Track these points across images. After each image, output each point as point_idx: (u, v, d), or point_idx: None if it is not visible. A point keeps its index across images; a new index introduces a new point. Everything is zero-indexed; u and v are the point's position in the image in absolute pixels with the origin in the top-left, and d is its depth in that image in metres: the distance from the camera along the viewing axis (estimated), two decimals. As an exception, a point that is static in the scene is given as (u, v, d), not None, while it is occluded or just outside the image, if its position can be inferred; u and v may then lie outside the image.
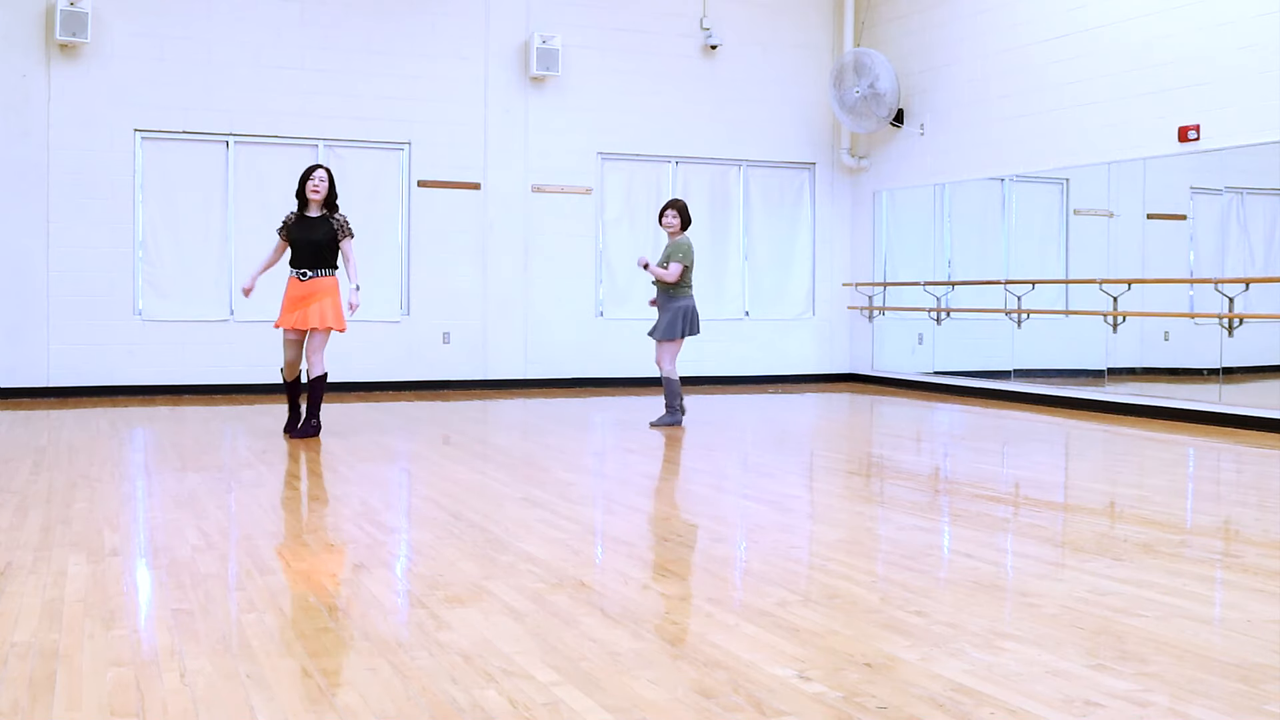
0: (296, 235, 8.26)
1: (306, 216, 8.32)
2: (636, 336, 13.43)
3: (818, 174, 14.18)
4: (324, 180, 8.26)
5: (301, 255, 8.24)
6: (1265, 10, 9.40)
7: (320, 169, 8.34)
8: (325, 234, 8.23)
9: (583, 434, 9.44)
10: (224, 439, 8.63)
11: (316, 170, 8.32)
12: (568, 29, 12.89)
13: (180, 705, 2.94)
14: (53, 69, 11.27)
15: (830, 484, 7.07)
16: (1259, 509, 6.15)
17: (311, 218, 8.30)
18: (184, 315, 11.80)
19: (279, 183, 12.22)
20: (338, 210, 8.35)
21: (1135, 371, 11.13)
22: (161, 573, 4.38)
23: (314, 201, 8.28)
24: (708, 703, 2.99)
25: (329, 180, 8.29)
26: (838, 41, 14.02)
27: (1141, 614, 3.86)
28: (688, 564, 4.75)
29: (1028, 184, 12.26)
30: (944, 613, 3.86)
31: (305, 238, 8.24)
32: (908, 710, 2.94)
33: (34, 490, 6.11)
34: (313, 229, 8.25)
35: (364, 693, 3.05)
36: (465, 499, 6.34)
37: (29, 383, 11.25)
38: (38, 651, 3.37)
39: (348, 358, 12.30)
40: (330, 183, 8.29)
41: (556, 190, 13.05)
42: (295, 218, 8.34)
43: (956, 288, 12.77)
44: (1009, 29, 11.92)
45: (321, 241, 8.22)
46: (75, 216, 11.39)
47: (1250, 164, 9.83)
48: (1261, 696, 3.07)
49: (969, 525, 5.50)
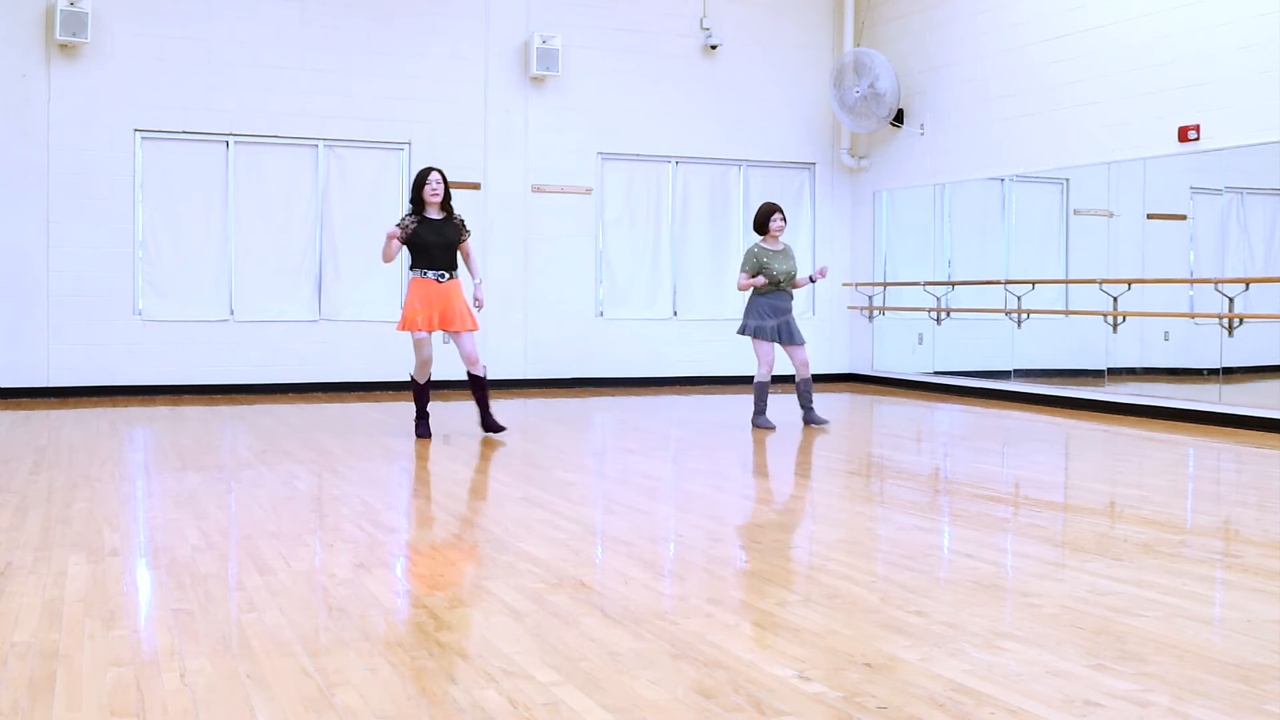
0: (429, 238, 8.19)
1: (430, 219, 8.26)
2: (637, 336, 13.47)
3: (818, 174, 14.18)
4: (440, 182, 8.24)
5: (436, 257, 8.21)
6: (1265, 10, 9.40)
7: (435, 171, 8.30)
8: (455, 235, 8.28)
9: (583, 434, 9.44)
10: (224, 439, 8.63)
11: (431, 173, 8.27)
12: (568, 29, 12.89)
13: (180, 705, 2.94)
14: (53, 69, 11.27)
15: (830, 484, 7.07)
16: (1259, 509, 6.15)
17: (437, 219, 8.28)
18: (184, 315, 11.81)
19: (279, 183, 12.26)
20: (454, 210, 8.41)
21: (1135, 371, 11.13)
22: (161, 573, 4.39)
23: (433, 204, 8.25)
24: (708, 703, 2.99)
25: (444, 181, 8.29)
26: (838, 41, 14.02)
27: (1141, 614, 3.86)
28: (688, 564, 4.75)
29: (1028, 184, 12.26)
30: (944, 613, 3.86)
31: (440, 240, 8.21)
32: (908, 710, 2.94)
33: (34, 490, 6.11)
34: (444, 230, 8.25)
35: (364, 693, 3.05)
36: (465, 499, 6.34)
37: (29, 383, 11.25)
38: (38, 651, 3.37)
39: (348, 358, 12.32)
40: (445, 183, 8.30)
41: (556, 190, 13.05)
42: (418, 220, 8.26)
43: (956, 288, 12.77)
44: (1009, 29, 11.92)
45: (456, 242, 8.28)
46: (75, 216, 11.39)
47: (1250, 164, 9.83)
48: (1261, 696, 3.07)
49: (969, 525, 5.50)
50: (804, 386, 9.37)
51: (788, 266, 9.23)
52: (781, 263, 9.21)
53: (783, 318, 9.24)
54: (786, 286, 9.27)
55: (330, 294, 12.33)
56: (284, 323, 12.11)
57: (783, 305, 9.26)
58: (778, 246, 9.28)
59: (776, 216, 9.29)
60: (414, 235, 8.22)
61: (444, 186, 8.27)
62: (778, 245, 9.29)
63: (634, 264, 13.55)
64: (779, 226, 9.28)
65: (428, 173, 8.31)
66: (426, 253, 8.22)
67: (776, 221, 9.27)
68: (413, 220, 8.27)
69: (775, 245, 9.28)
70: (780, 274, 9.18)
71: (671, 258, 13.66)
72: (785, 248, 9.33)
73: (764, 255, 9.22)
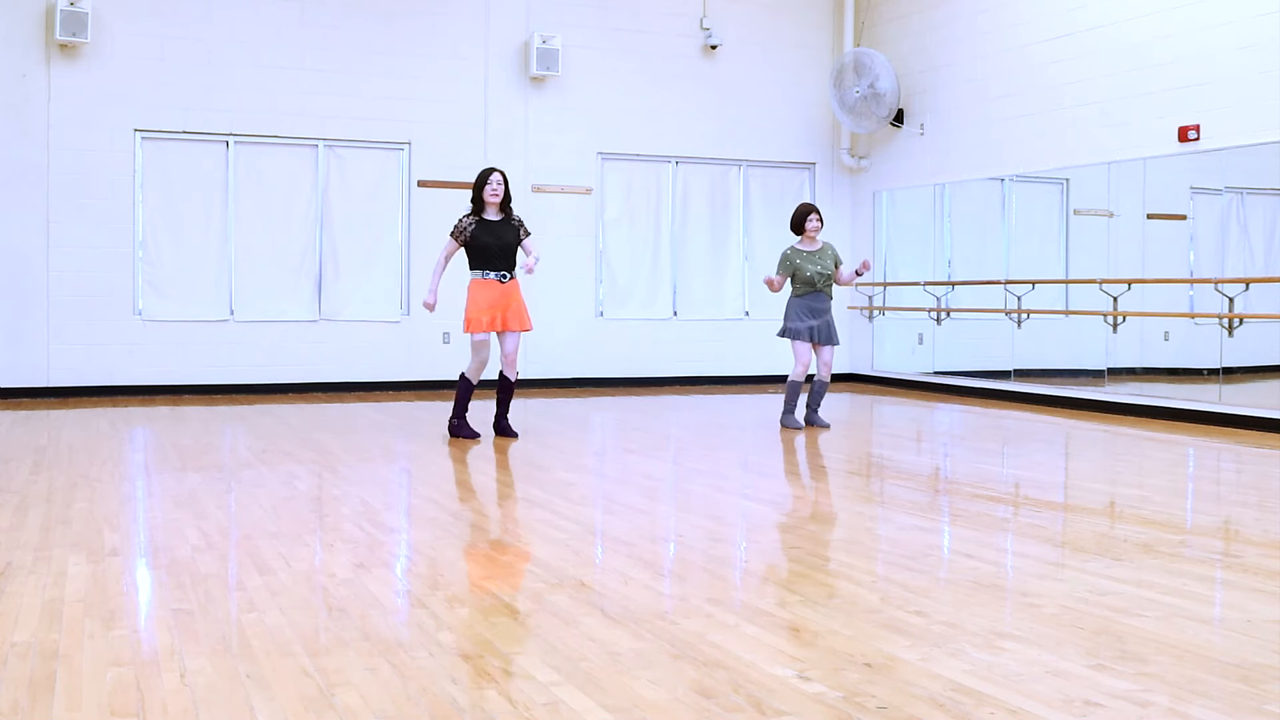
0: (488, 239, 8.12)
1: (489, 220, 8.20)
2: (637, 336, 13.48)
3: (818, 174, 14.18)
4: (500, 183, 8.17)
5: (497, 258, 8.13)
6: (1265, 10, 9.40)
7: (496, 172, 8.23)
8: (515, 236, 8.22)
9: (583, 434, 9.44)
10: (224, 439, 8.63)
11: (493, 174, 8.20)
12: (568, 29, 12.89)
13: (180, 705, 2.94)
14: (53, 69, 11.27)
15: (830, 484, 7.07)
16: (1259, 509, 6.15)
17: (495, 221, 8.21)
18: (184, 315, 11.81)
19: (279, 183, 12.26)
20: (513, 211, 8.34)
21: (1135, 371, 11.13)
22: (161, 573, 4.39)
23: (492, 205, 8.19)
24: (708, 703, 2.99)
25: (504, 182, 8.22)
26: (838, 41, 14.02)
27: (1141, 614, 3.86)
28: (688, 564, 4.75)
29: (1028, 184, 12.26)
30: (944, 613, 3.86)
31: (499, 241, 8.14)
32: (908, 710, 2.94)
33: (34, 490, 6.11)
34: (503, 232, 8.18)
35: (364, 693, 3.05)
36: (465, 499, 6.34)
37: (29, 383, 11.25)
38: (38, 651, 3.37)
39: (348, 358, 12.32)
40: (506, 184, 8.23)
41: (556, 190, 13.05)
42: (476, 222, 8.19)
43: (956, 288, 12.77)
44: (1009, 29, 11.92)
45: (514, 244, 8.20)
46: (75, 216, 11.39)
47: (1250, 164, 9.83)
48: (1261, 696, 3.07)
49: (969, 525, 5.50)
50: (819, 388, 9.42)
51: (821, 267, 9.16)
52: (815, 263, 9.16)
53: (820, 319, 9.19)
54: (822, 287, 9.20)
55: (330, 294, 12.33)
56: (284, 323, 12.11)
57: (819, 306, 9.21)
58: (813, 247, 9.24)
59: (813, 217, 9.25)
60: (472, 237, 8.15)
61: (504, 187, 8.19)
62: (814, 245, 9.25)
63: (634, 264, 13.55)
64: (814, 227, 9.22)
65: (489, 173, 8.22)
66: (485, 254, 8.16)
67: (812, 222, 9.22)
68: (470, 221, 8.19)
69: (811, 245, 9.24)
70: (814, 275, 9.14)
71: (671, 258, 13.66)
72: (823, 247, 9.28)
73: (797, 257, 9.20)
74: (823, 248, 9.28)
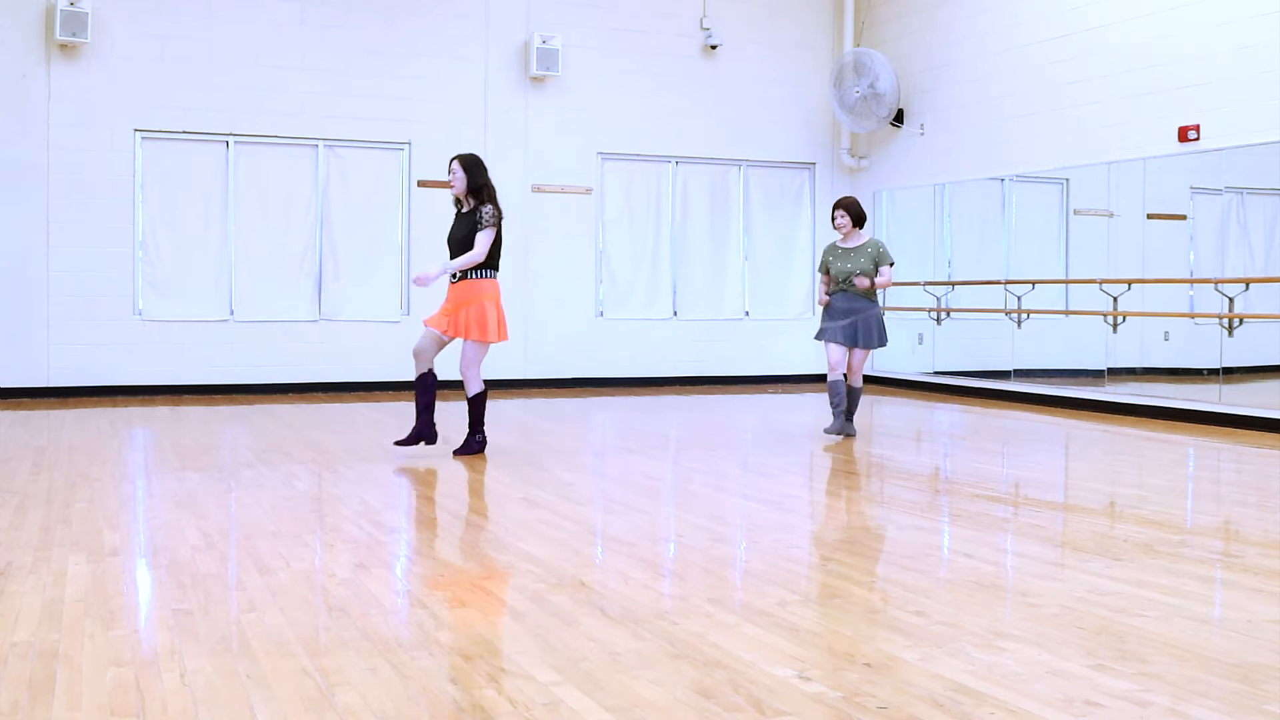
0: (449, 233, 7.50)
1: (460, 212, 7.49)
2: (637, 336, 13.47)
3: (818, 174, 14.18)
4: (457, 170, 7.34)
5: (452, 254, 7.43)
6: (1265, 10, 9.40)
7: (454, 159, 7.39)
8: (469, 230, 7.30)
9: (583, 434, 9.43)
10: (224, 439, 8.63)
11: (450, 162, 7.44)
12: (568, 29, 12.89)
13: (180, 705, 2.94)
14: (53, 69, 11.26)
15: (830, 484, 7.06)
16: (1259, 509, 6.15)
17: (463, 213, 7.45)
18: (184, 315, 11.80)
19: (279, 183, 12.26)
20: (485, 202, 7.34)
21: (1135, 371, 11.13)
22: (161, 573, 4.38)
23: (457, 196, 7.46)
24: (708, 703, 2.99)
25: (467, 169, 7.32)
26: (838, 41, 14.02)
27: (1141, 614, 3.86)
28: (688, 564, 4.75)
29: (1028, 184, 12.26)
30: (944, 613, 3.86)
31: (452, 236, 7.44)
32: (908, 710, 2.94)
33: (34, 490, 6.10)
34: (458, 226, 7.43)
35: (364, 693, 3.05)
36: (465, 499, 6.34)
37: (29, 383, 11.25)
38: (38, 651, 3.37)
39: (348, 358, 12.32)
40: (470, 172, 7.32)
41: (556, 190, 13.05)
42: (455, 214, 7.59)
43: (956, 288, 12.77)
44: (1009, 29, 11.92)
45: (465, 239, 7.30)
46: (75, 216, 11.39)
47: (1250, 164, 9.83)
48: (1261, 696, 3.07)
49: (969, 525, 5.50)
50: (851, 393, 8.87)
51: (849, 265, 8.62)
52: (844, 261, 8.66)
53: (852, 318, 8.66)
54: (846, 286, 8.69)
55: (330, 294, 12.33)
56: (284, 323, 12.11)
57: (848, 306, 8.67)
58: (852, 243, 8.71)
59: (835, 214, 8.75)
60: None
61: (465, 175, 7.32)
62: (853, 242, 8.72)
63: (634, 264, 13.54)
64: (839, 224, 8.70)
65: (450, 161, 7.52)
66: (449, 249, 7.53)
67: (837, 218, 8.72)
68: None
69: (851, 242, 8.72)
70: (840, 273, 8.66)
71: (671, 258, 13.66)
72: (863, 245, 8.68)
73: (830, 254, 8.79)
74: (862, 245, 8.68)
